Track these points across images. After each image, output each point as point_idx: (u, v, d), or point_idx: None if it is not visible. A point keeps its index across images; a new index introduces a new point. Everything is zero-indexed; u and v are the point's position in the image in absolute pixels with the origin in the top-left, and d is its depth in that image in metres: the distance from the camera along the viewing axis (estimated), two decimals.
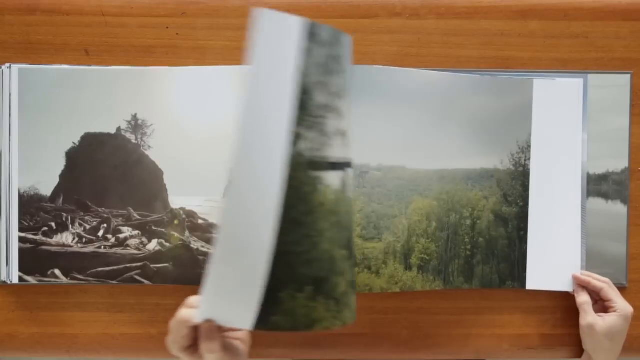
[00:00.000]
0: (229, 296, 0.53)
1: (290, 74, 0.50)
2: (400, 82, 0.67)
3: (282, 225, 0.51)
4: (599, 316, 0.69)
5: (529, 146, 0.72)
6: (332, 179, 0.53)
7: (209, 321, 0.53)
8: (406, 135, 0.68)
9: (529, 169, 0.72)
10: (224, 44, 0.72)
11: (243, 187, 0.50)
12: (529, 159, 0.72)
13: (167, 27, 0.71)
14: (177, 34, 0.72)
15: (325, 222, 0.53)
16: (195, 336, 0.55)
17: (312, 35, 0.51)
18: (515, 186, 0.72)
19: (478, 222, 0.72)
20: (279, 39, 0.50)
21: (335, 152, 0.53)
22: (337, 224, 0.54)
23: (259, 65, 0.49)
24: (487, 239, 0.72)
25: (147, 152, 0.71)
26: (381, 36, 0.73)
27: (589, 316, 0.69)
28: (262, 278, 0.51)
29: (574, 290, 0.72)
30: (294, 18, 0.50)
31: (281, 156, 0.50)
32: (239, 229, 0.51)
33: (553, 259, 0.72)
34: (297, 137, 0.51)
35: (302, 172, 0.51)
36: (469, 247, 0.71)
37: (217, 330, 0.54)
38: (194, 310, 0.54)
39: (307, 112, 0.51)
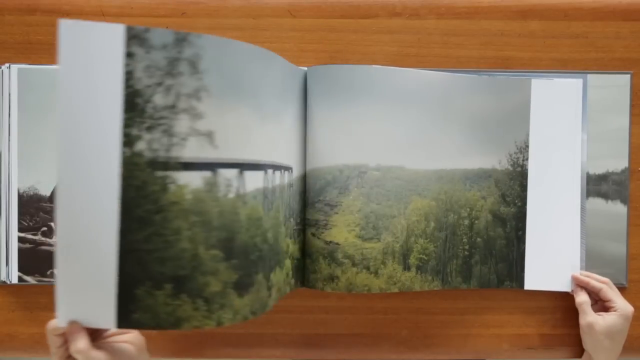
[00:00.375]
0: (83, 296, 0.53)
1: (112, 78, 0.51)
2: (399, 82, 0.67)
3: (128, 224, 0.52)
4: (599, 315, 0.69)
5: (527, 146, 0.72)
6: (188, 178, 0.53)
7: (74, 323, 0.53)
8: (405, 135, 0.68)
9: (527, 169, 0.72)
10: None
11: (74, 188, 0.51)
12: (527, 159, 0.72)
13: (167, 27, 0.72)
14: None
15: (183, 221, 0.53)
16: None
17: (140, 40, 0.51)
18: (513, 186, 0.72)
19: (476, 222, 0.72)
20: (88, 47, 0.51)
21: (191, 153, 0.53)
22: (201, 224, 0.54)
23: (66, 73, 0.50)
24: (485, 239, 0.72)
25: None
26: (381, 36, 0.73)
27: (588, 316, 0.69)
28: (113, 276, 0.52)
29: (572, 290, 0.72)
30: (105, 26, 0.51)
31: (114, 157, 0.51)
32: (77, 230, 0.52)
33: (551, 259, 0.72)
34: (132, 138, 0.51)
35: (144, 172, 0.52)
36: (466, 247, 0.71)
37: (81, 330, 0.53)
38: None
39: (144, 113, 0.52)
